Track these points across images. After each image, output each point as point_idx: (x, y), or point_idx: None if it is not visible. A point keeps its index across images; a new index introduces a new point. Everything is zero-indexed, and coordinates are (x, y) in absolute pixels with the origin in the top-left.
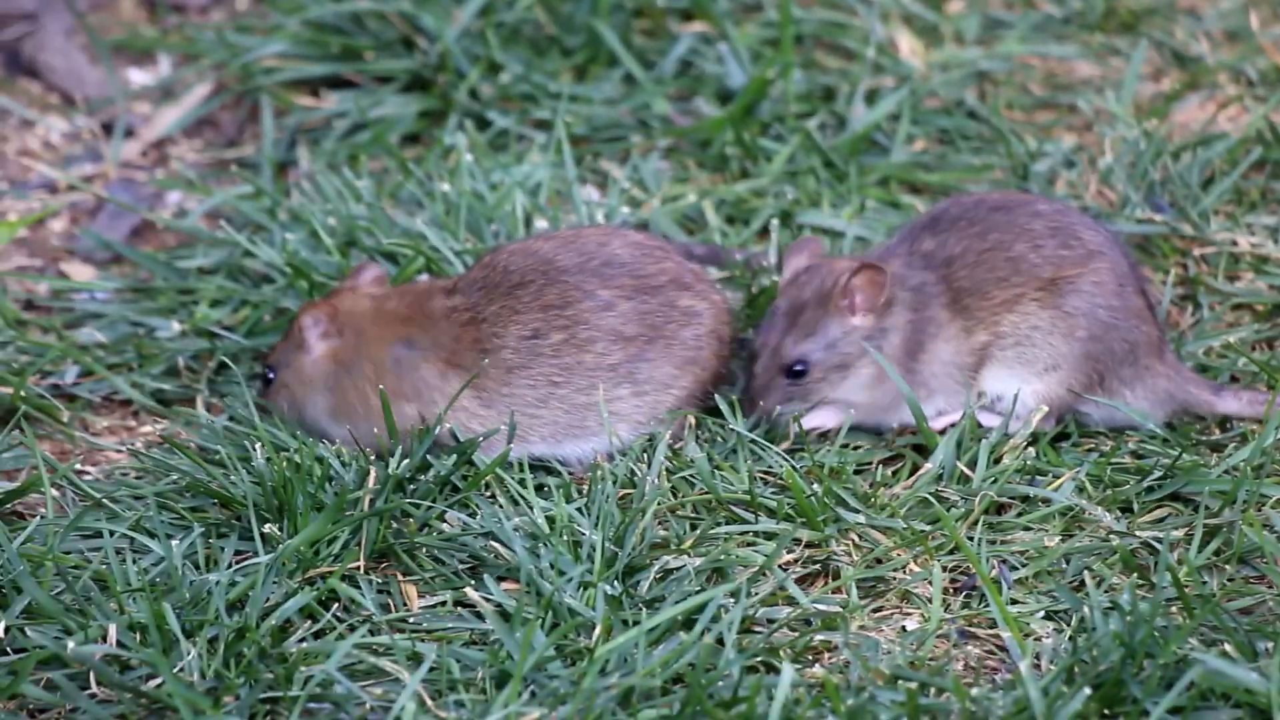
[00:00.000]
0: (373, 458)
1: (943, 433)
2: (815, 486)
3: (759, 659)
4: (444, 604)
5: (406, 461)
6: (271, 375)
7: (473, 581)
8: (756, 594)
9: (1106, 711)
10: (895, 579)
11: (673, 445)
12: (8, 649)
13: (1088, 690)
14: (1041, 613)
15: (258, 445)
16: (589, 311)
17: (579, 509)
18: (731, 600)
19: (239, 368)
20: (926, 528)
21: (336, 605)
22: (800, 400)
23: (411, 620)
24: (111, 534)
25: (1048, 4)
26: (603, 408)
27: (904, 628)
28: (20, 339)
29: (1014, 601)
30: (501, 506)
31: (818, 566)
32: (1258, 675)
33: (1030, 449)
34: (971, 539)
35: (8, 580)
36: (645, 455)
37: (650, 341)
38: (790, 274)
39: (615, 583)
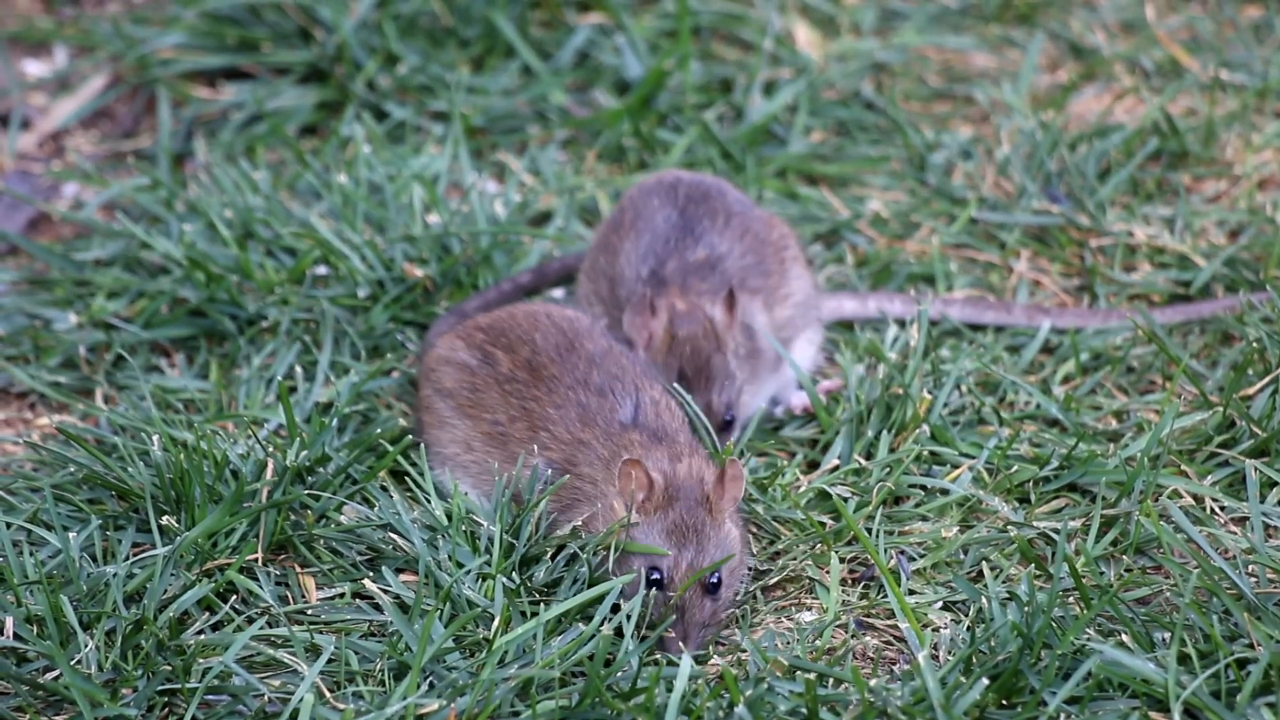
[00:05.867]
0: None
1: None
2: None
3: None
4: (342, 596)
5: (305, 453)
6: None
7: (371, 573)
8: None
9: (1004, 702)
10: (793, 570)
11: None
12: None
13: (986, 681)
14: (939, 603)
15: (155, 437)
16: None
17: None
18: None
19: (136, 359)
20: (825, 519)
21: (235, 597)
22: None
23: (310, 612)
24: (8, 526)
25: None
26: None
27: (802, 619)
28: None
29: (912, 592)
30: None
31: None
32: (1154, 665)
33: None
34: (869, 530)
35: None
36: None
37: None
38: (665, 336)
39: (514, 574)
